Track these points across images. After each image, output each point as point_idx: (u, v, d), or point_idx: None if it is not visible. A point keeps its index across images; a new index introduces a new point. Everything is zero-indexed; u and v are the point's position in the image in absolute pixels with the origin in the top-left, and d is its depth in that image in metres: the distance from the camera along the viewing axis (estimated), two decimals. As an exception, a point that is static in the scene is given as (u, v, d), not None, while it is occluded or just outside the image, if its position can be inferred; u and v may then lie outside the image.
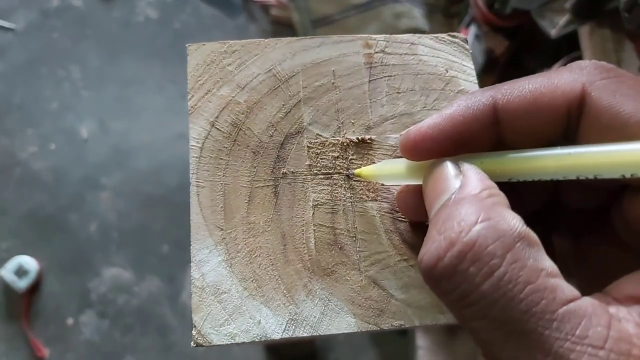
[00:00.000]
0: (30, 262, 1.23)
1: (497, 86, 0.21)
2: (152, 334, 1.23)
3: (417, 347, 1.15)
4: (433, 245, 0.17)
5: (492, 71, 1.39)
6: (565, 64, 1.13)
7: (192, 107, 0.26)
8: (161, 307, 1.26)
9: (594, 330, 0.15)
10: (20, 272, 1.22)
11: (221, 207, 0.25)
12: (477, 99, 0.21)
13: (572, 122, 0.20)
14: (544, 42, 1.14)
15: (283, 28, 1.51)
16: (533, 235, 0.17)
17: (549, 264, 0.17)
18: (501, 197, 0.19)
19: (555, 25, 1.13)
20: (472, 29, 1.38)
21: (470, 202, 0.18)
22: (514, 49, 1.36)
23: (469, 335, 0.17)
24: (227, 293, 0.23)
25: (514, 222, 0.17)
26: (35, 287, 1.24)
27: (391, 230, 0.25)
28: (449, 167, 0.20)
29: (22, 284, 1.21)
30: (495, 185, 0.19)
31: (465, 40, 0.28)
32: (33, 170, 1.35)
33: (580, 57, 1.11)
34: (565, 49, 1.20)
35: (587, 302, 0.16)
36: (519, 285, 0.16)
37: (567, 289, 0.16)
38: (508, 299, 0.16)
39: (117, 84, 1.44)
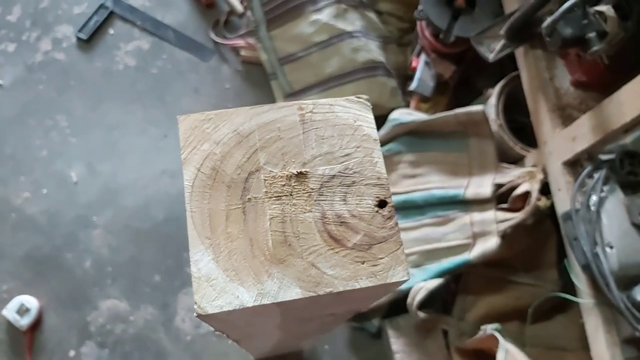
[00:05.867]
0: (30, 301, 1.31)
1: None
2: (149, 359, 1.33)
3: (393, 352, 1.25)
4: None
5: (444, 93, 1.54)
6: (507, 83, 1.26)
7: (184, 159, 0.39)
8: (157, 333, 1.36)
9: None
10: (22, 310, 1.30)
11: (208, 223, 0.37)
12: None
13: None
14: (489, 64, 1.26)
15: (253, 67, 1.64)
16: None
17: None
18: None
19: (492, 50, 1.26)
20: (422, 57, 1.52)
21: None
22: (462, 72, 1.50)
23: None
24: (216, 280, 0.36)
25: None
26: (37, 324, 1.32)
27: (322, 231, 0.38)
28: None
29: (24, 321, 1.29)
30: None
31: (368, 100, 0.41)
32: (27, 214, 1.45)
33: (519, 76, 1.26)
34: (509, 68, 1.35)
35: None
36: None
37: None
38: None
39: (102, 129, 1.55)
